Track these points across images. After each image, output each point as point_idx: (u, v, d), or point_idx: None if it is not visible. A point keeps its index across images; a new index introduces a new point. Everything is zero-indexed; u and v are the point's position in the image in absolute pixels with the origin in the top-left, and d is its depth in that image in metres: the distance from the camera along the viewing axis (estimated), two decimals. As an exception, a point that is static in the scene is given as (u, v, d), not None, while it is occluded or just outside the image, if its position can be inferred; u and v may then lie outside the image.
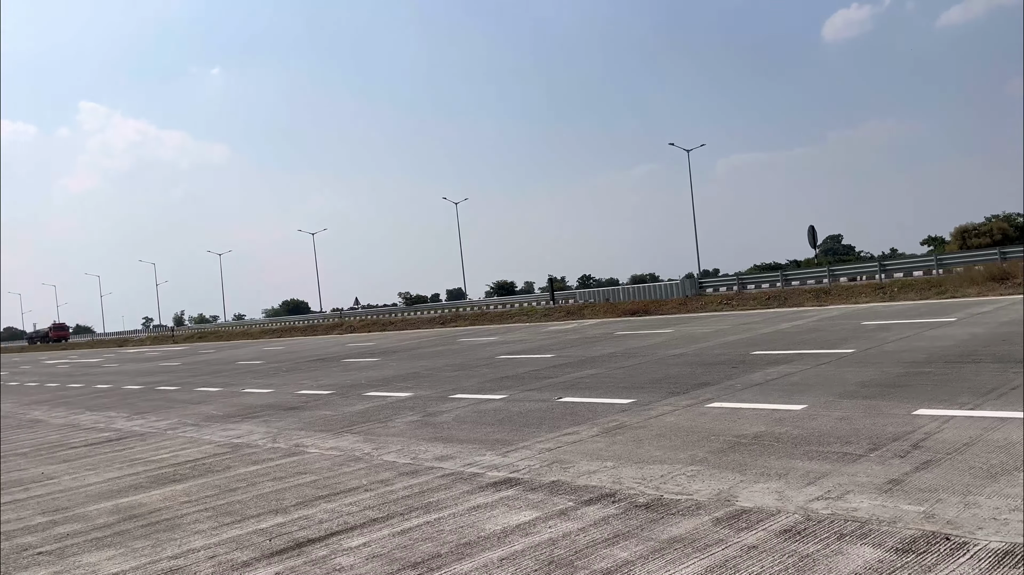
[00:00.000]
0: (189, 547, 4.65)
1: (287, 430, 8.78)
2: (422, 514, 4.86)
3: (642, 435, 6.58)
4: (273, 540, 4.62)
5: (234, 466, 6.98)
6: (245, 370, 18.73)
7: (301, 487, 5.90)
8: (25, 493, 6.70)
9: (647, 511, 4.49)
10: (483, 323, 30.98)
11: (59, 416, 12.68)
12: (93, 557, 4.63)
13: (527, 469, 5.78)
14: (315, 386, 13.18)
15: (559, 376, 11.09)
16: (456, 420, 8.29)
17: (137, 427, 10.35)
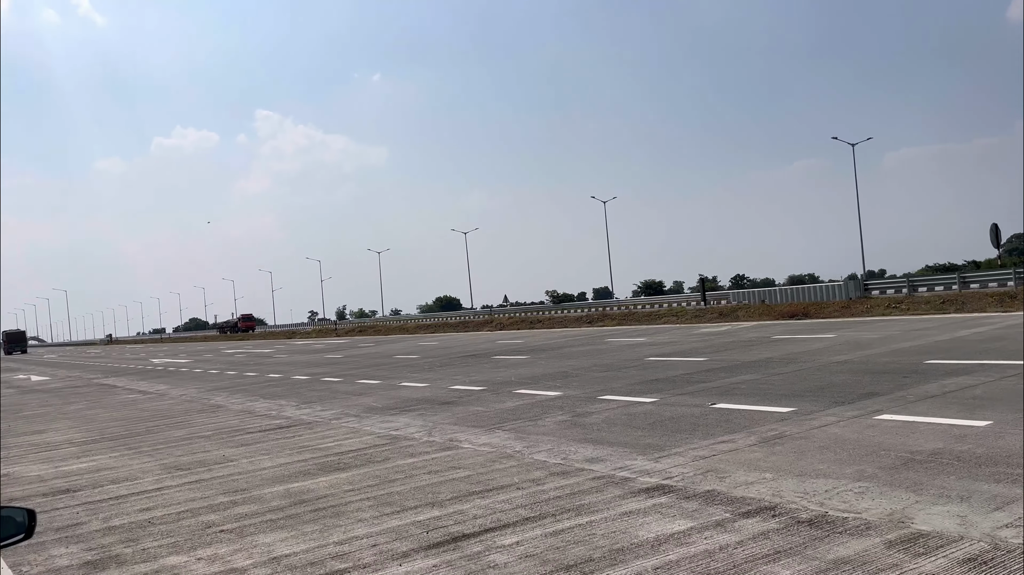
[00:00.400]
0: (353, 534, 4.89)
1: (442, 424, 9.06)
2: (574, 516, 4.87)
3: (804, 447, 6.28)
4: (430, 533, 4.77)
5: (393, 457, 7.28)
6: (402, 364, 19.51)
7: (456, 482, 6.06)
8: (209, 473, 7.29)
9: (810, 528, 4.27)
10: (631, 323, 30.66)
11: (237, 403, 13.73)
12: (268, 538, 4.97)
13: (680, 476, 5.66)
14: (467, 382, 13.52)
15: (712, 381, 10.78)
16: (606, 422, 8.24)
17: (305, 416, 11.01)
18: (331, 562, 4.37)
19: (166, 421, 11.84)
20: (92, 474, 7.82)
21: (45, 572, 4.66)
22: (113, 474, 7.72)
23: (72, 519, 5.95)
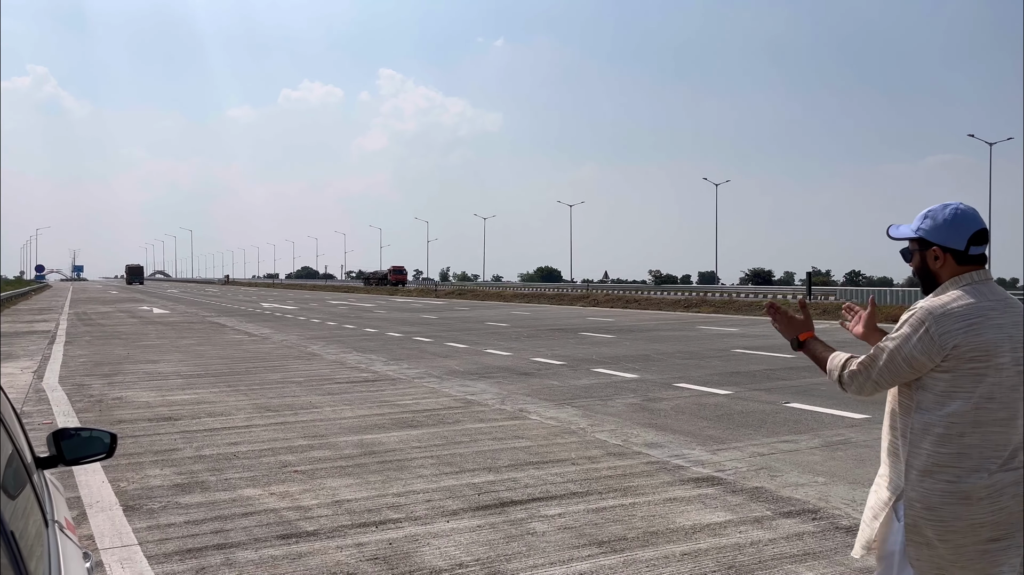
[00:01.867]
0: (411, 488, 5.26)
1: (515, 394, 9.37)
2: (619, 496, 5.07)
3: (866, 455, 6.23)
4: (481, 495, 5.08)
5: (463, 421, 7.64)
6: (491, 331, 19.97)
7: (516, 451, 6.35)
8: (295, 417, 7.86)
9: (847, 535, 4.33)
10: (728, 311, 30.15)
11: (331, 353, 14.49)
12: (335, 482, 5.41)
13: (733, 470, 5.76)
14: (549, 355, 13.80)
15: (793, 379, 10.66)
16: (674, 409, 8.35)
17: (391, 372, 11.57)
18: (386, 511, 4.75)
19: (265, 364, 12.66)
20: (192, 406, 8.56)
21: (139, 489, 5.25)
22: (210, 408, 8.42)
23: (169, 445, 6.59)
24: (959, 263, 2.21)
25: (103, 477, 5.48)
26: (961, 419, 2.12)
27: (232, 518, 4.61)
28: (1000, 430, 2.13)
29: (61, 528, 1.77)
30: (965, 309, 2.14)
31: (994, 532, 2.12)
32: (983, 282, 2.20)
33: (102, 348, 15.61)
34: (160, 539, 4.25)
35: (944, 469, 2.12)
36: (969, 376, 2.12)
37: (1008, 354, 2.13)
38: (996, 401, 2.13)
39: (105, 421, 7.66)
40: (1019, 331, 2.16)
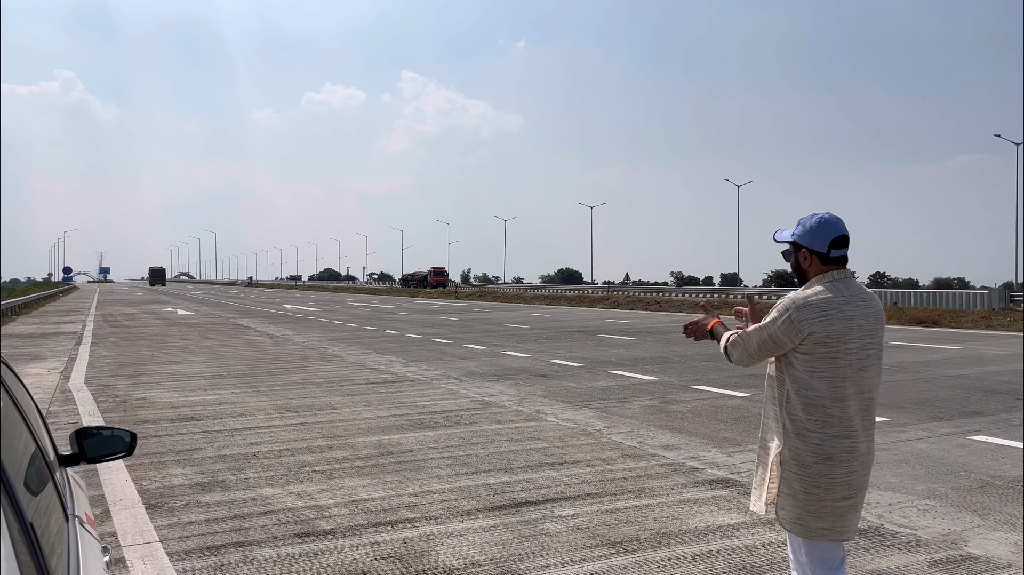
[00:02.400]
0: (427, 488, 5.33)
1: (533, 395, 9.42)
2: (633, 498, 5.10)
3: (882, 458, 6.20)
4: (496, 496, 5.13)
5: (480, 422, 7.70)
6: (510, 333, 20.02)
7: (531, 452, 6.40)
8: (314, 418, 7.96)
9: (860, 538, 4.33)
10: (750, 313, 29.96)
11: (352, 354, 14.62)
12: (353, 482, 5.48)
13: (749, 473, 5.76)
14: (568, 357, 13.82)
15: (812, 381, 10.60)
16: (691, 412, 8.35)
17: (410, 373, 11.66)
18: (402, 510, 4.82)
19: (286, 365, 12.81)
20: (214, 406, 8.69)
21: (162, 487, 5.36)
22: (232, 408, 8.55)
23: (191, 445, 6.71)
24: (823, 263, 2.61)
25: (126, 475, 5.60)
26: (823, 394, 2.51)
27: (251, 517, 4.70)
28: (850, 406, 2.52)
29: (81, 523, 1.84)
30: (822, 302, 2.53)
31: (847, 491, 2.53)
32: (842, 280, 2.59)
33: (127, 349, 15.85)
34: (181, 537, 4.35)
35: (812, 434, 2.51)
36: (824, 358, 2.52)
37: (857, 340, 2.53)
38: (848, 380, 2.52)
39: (129, 421, 7.81)
40: (869, 321, 2.56)
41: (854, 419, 2.52)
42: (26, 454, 1.60)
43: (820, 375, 2.52)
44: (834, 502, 2.52)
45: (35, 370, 12.33)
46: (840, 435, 2.51)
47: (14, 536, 1.04)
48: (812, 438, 2.51)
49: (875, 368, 2.59)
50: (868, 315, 2.57)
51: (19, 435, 1.62)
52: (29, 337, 19.58)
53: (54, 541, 1.44)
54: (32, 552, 1.11)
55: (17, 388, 1.93)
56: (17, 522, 1.10)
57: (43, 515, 1.44)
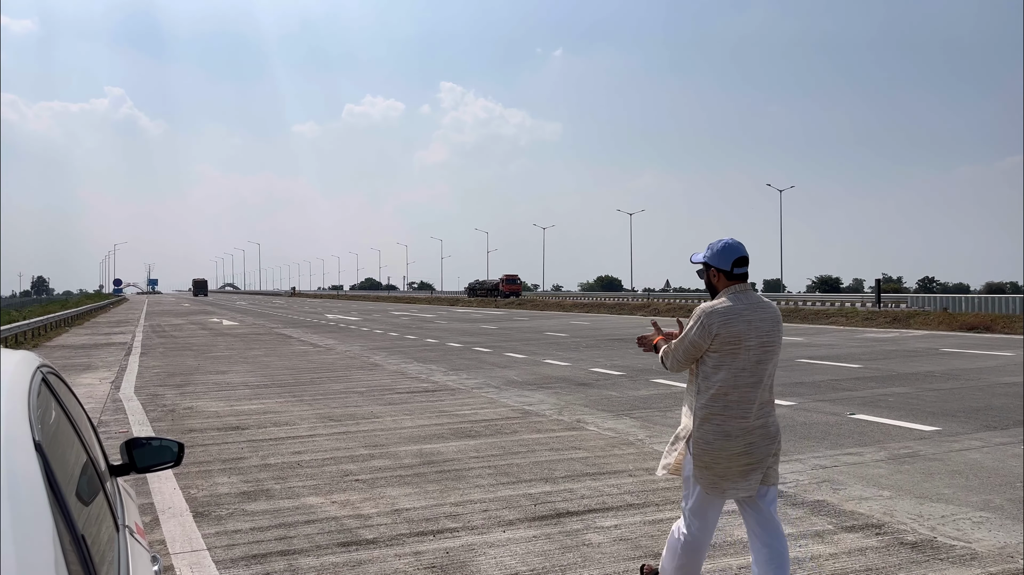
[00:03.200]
0: (469, 498, 5.33)
1: (573, 404, 9.38)
2: (676, 509, 5.03)
3: (934, 468, 6.05)
4: (537, 506, 5.11)
5: (520, 431, 7.68)
6: (550, 341, 19.98)
7: (572, 462, 6.36)
8: (356, 427, 8.03)
9: (912, 551, 4.22)
10: (793, 320, 29.49)
11: (393, 363, 14.72)
12: (395, 491, 5.51)
13: (794, 483, 5.66)
14: (608, 365, 13.74)
15: (859, 390, 10.38)
16: (735, 420, 8.23)
17: (451, 382, 11.69)
18: (444, 520, 4.83)
19: (329, 374, 12.95)
20: (259, 415, 8.82)
21: (208, 496, 5.45)
22: (276, 417, 8.66)
23: (237, 453, 6.81)
24: (728, 279, 3.23)
25: (175, 484, 5.70)
26: (725, 383, 3.12)
27: (295, 525, 4.75)
28: (750, 391, 3.13)
29: (131, 533, 1.87)
30: (725, 310, 3.14)
31: (748, 459, 3.14)
32: (743, 291, 3.21)
33: (175, 359, 16.18)
34: (227, 545, 4.41)
35: (715, 416, 3.13)
36: (728, 355, 3.11)
37: (755, 339, 3.13)
38: (747, 371, 3.12)
39: (177, 430, 7.96)
40: (765, 324, 3.16)
41: (751, 403, 3.14)
42: (77, 464, 1.64)
43: (724, 368, 3.12)
44: (739, 467, 3.14)
45: (87, 380, 12.65)
46: (737, 416, 3.12)
47: (65, 547, 1.06)
48: (715, 420, 3.13)
49: (771, 362, 3.19)
50: (765, 319, 3.17)
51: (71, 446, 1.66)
52: (81, 348, 20.10)
53: (104, 550, 1.47)
54: (83, 562, 1.13)
55: (69, 399, 1.97)
56: (68, 533, 1.13)
57: (94, 525, 1.47)
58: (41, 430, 1.29)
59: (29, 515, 1.03)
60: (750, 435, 3.14)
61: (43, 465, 1.15)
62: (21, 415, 1.23)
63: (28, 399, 1.33)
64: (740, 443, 3.12)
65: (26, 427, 1.20)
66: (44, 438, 1.28)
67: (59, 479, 1.21)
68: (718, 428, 3.12)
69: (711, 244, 3.28)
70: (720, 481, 3.15)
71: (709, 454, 3.13)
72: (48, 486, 1.13)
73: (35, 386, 1.48)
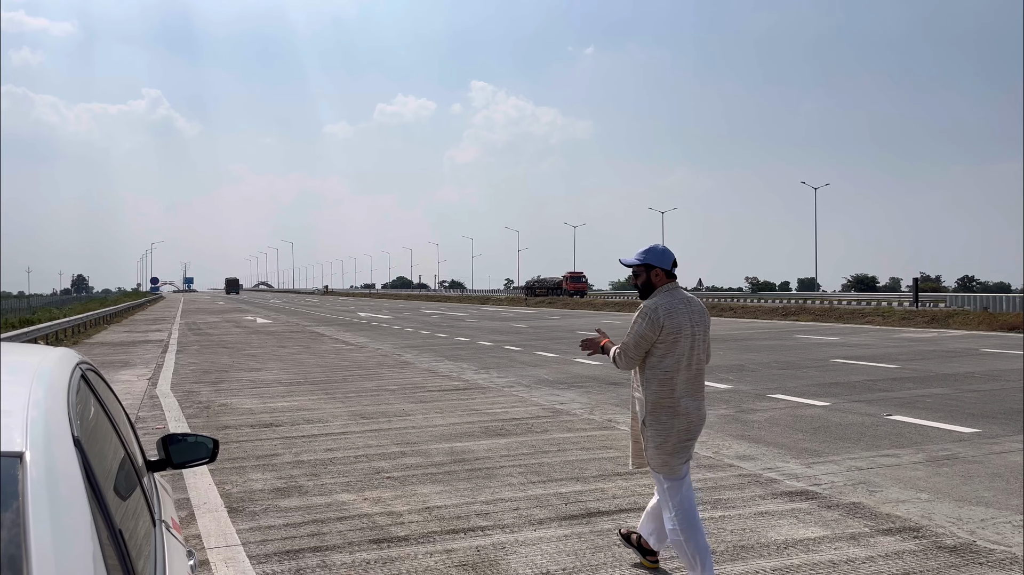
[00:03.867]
0: (499, 496, 5.33)
1: (604, 404, 9.34)
2: (708, 509, 5.00)
3: (974, 471, 5.93)
4: (568, 505, 5.10)
5: (551, 430, 7.67)
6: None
7: (603, 461, 6.34)
8: (388, 425, 8.08)
9: (951, 554, 4.14)
10: (828, 320, 29.10)
11: (424, 361, 14.79)
12: (426, 489, 5.53)
13: (829, 485, 5.58)
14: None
15: (896, 390, 10.21)
16: (768, 421, 8.14)
17: (481, 381, 11.72)
18: (475, 518, 4.84)
19: (360, 372, 13.04)
20: (292, 412, 8.91)
21: (243, 492, 5.52)
22: (309, 415, 8.75)
23: (270, 450, 6.89)
24: (667, 277, 3.76)
25: (210, 480, 5.79)
26: (671, 369, 3.61)
27: (328, 522, 4.79)
28: (689, 374, 3.65)
29: (168, 528, 1.90)
30: (667, 304, 3.65)
31: (687, 435, 3.64)
32: (675, 289, 3.75)
33: (209, 357, 16.41)
34: (261, 540, 4.46)
35: (665, 399, 3.61)
36: (671, 343, 3.60)
37: (689, 329, 3.65)
38: (686, 357, 3.63)
39: (212, 427, 8.07)
40: (695, 315, 3.69)
41: (691, 383, 3.66)
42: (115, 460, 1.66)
43: (669, 355, 3.60)
44: (681, 443, 3.62)
45: (125, 377, 12.89)
46: (682, 395, 3.62)
47: (103, 541, 1.08)
48: (665, 402, 3.60)
49: (702, 348, 3.72)
50: (695, 311, 3.71)
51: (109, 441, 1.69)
52: (120, 345, 20.49)
53: (142, 544, 1.49)
54: (120, 557, 1.15)
55: (107, 395, 2.01)
56: (107, 528, 1.14)
57: (131, 519, 1.50)
58: (80, 426, 1.31)
59: (68, 510, 1.05)
60: (692, 414, 3.65)
61: (82, 460, 1.18)
62: (61, 411, 1.25)
63: (68, 395, 1.35)
64: (684, 421, 3.62)
65: (65, 423, 1.23)
66: (83, 434, 1.30)
67: (97, 474, 1.24)
68: (669, 409, 3.60)
69: (650, 248, 3.80)
70: (670, 458, 3.61)
71: (662, 434, 3.60)
72: (87, 481, 1.15)
73: (74, 382, 1.51)
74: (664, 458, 3.60)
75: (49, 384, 1.34)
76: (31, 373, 1.38)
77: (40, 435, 1.12)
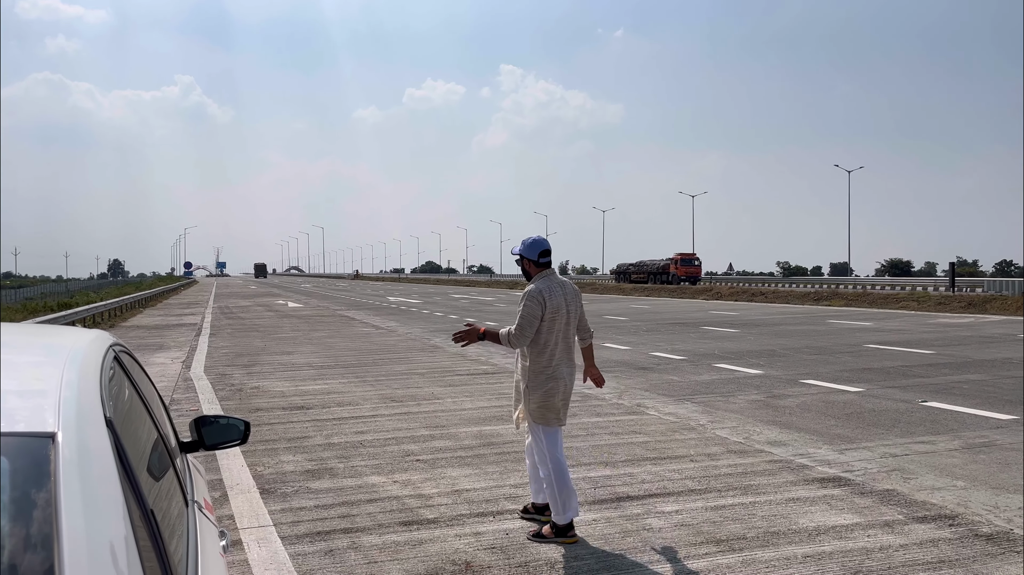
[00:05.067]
0: (527, 480, 5.33)
1: (633, 389, 9.31)
2: (739, 495, 4.96)
3: (1012, 459, 5.82)
4: (597, 489, 5.09)
5: (580, 415, 7.66)
6: (610, 325, 19.87)
7: (632, 446, 6.32)
8: (417, 407, 8.13)
9: (987, 543, 4.06)
10: (861, 305, 28.68)
11: (453, 346, 14.82)
12: (455, 472, 5.56)
13: (862, 471, 5.51)
14: (669, 350, 13.59)
15: (931, 376, 10.04)
16: (800, 407, 8.05)
17: (510, 365, 11.72)
18: (503, 502, 4.85)
19: (390, 356, 13.13)
20: (323, 395, 9.00)
21: (275, 474, 5.58)
22: (339, 398, 8.83)
23: (302, 432, 6.97)
24: (537, 267, 4.34)
25: (242, 461, 5.86)
26: (551, 343, 4.21)
27: (358, 504, 4.83)
28: (565, 346, 4.28)
29: (200, 508, 1.92)
30: (545, 288, 4.25)
31: (564, 396, 4.28)
32: (549, 275, 4.34)
33: (242, 340, 16.62)
34: (292, 522, 4.51)
35: (545, 368, 4.21)
36: (551, 321, 4.20)
37: (565, 308, 4.26)
38: (562, 332, 4.24)
39: (244, 409, 8.18)
40: (568, 297, 4.30)
41: (566, 354, 4.29)
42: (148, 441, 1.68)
43: (550, 331, 4.20)
44: (557, 403, 4.23)
45: (160, 359, 13.10)
46: (558, 363, 4.23)
47: (135, 521, 1.09)
48: (545, 371, 4.20)
49: (573, 324, 4.33)
50: (568, 292, 4.32)
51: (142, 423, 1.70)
52: (155, 328, 20.83)
53: (174, 524, 1.51)
54: (152, 537, 1.16)
55: (140, 377, 2.03)
56: (139, 508, 1.15)
57: (164, 500, 1.51)
58: (113, 407, 1.32)
59: (100, 490, 1.05)
60: (567, 379, 4.28)
61: (114, 441, 1.18)
62: (93, 392, 1.26)
63: (100, 377, 1.36)
64: (562, 384, 4.23)
65: (98, 404, 1.24)
66: (115, 415, 1.31)
67: (129, 455, 1.25)
68: (550, 376, 4.20)
69: (524, 240, 4.37)
70: (547, 414, 4.22)
71: (546, 396, 4.19)
72: (119, 462, 1.16)
73: (108, 364, 1.52)
74: (546, 415, 4.19)
75: (82, 365, 1.35)
76: (65, 354, 1.39)
77: (72, 416, 1.13)
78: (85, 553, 0.93)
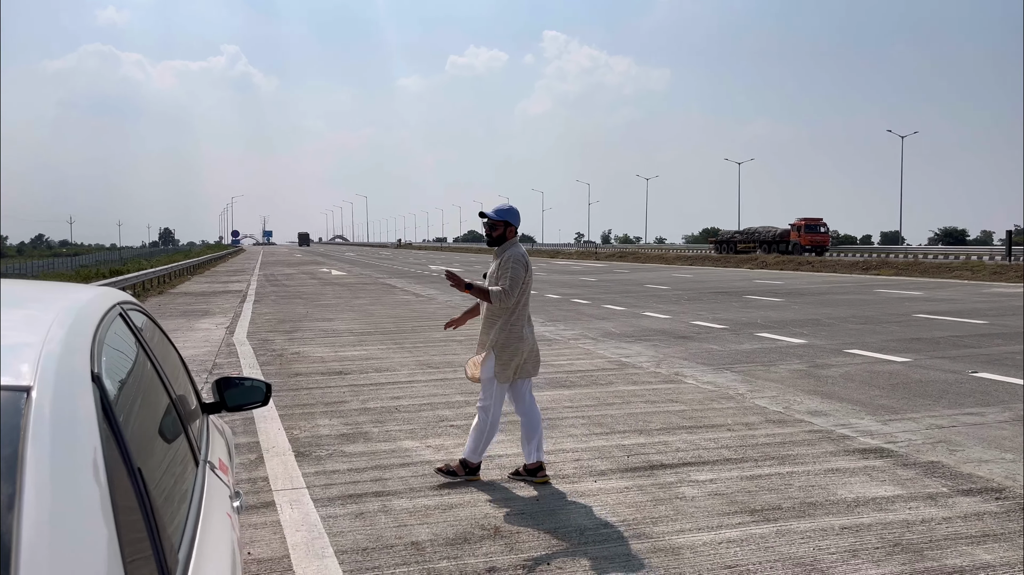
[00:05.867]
0: (561, 447, 5.31)
1: (671, 357, 9.19)
2: (776, 465, 4.86)
3: (1066, 432, 5.59)
4: (631, 457, 5.04)
5: (616, 382, 7.59)
6: (650, 294, 19.67)
7: (669, 414, 6.23)
8: (453, 374, 8.13)
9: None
10: (912, 274, 27.94)
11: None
12: (488, 438, 5.53)
13: (906, 443, 5.35)
14: (710, 318, 13.40)
15: (983, 347, 9.73)
16: (843, 377, 7.86)
17: (547, 333, 11.68)
18: (535, 468, 4.81)
19: (429, 323, 13.17)
20: (361, 361, 9.06)
21: (310, 437, 5.63)
22: (377, 363, 8.88)
23: (338, 397, 7.02)
24: (514, 234, 4.65)
25: (279, 425, 5.93)
26: (521, 303, 4.55)
27: (391, 467, 4.85)
28: (527, 309, 4.63)
29: (213, 468, 1.91)
30: (523, 254, 4.59)
31: (529, 355, 4.61)
32: (519, 242, 4.69)
33: (285, 307, 16.84)
34: (325, 484, 4.55)
35: (513, 328, 4.51)
36: (526, 285, 4.56)
37: (532, 274, 4.65)
38: (527, 295, 4.59)
39: (284, 374, 8.28)
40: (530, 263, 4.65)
41: (529, 317, 4.65)
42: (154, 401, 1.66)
43: (522, 293, 4.53)
44: (525, 361, 4.58)
45: (205, 325, 13.34)
46: (525, 324, 4.57)
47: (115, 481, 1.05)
48: (515, 330, 4.51)
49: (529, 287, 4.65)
50: (529, 261, 4.63)
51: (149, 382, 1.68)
52: (201, 295, 21.23)
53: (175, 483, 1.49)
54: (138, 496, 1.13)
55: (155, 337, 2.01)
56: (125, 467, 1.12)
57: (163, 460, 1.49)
58: (105, 363, 1.29)
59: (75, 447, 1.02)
60: (531, 339, 4.61)
61: (99, 398, 1.15)
62: (82, 348, 1.23)
63: (95, 332, 1.34)
64: (526, 344, 4.56)
65: (86, 360, 1.21)
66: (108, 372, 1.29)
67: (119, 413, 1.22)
68: (514, 335, 4.50)
69: (510, 208, 4.66)
70: (511, 373, 4.51)
71: (508, 354, 4.48)
72: (105, 419, 1.13)
73: (108, 321, 1.49)
74: (508, 373, 4.50)
75: (75, 320, 1.32)
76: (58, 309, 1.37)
77: (52, 370, 1.10)
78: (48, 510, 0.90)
